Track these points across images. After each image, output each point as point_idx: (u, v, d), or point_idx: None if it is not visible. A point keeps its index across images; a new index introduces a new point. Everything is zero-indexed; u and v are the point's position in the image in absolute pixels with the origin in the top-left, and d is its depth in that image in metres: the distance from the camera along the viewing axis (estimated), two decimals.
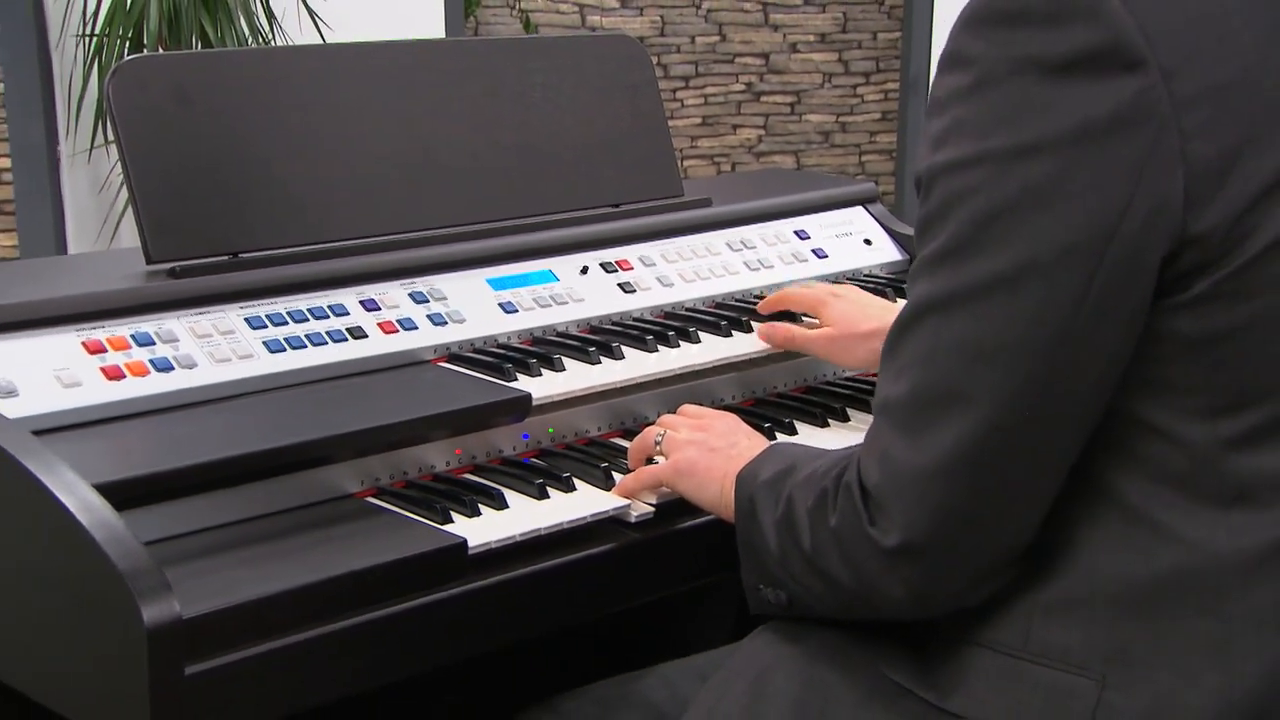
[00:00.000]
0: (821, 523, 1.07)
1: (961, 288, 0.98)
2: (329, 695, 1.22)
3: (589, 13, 6.24)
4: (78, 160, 3.54)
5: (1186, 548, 0.98)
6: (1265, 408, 0.97)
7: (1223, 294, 0.95)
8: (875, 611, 1.09)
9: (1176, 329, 0.97)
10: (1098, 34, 0.93)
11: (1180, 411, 0.98)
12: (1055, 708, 1.00)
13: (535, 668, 1.60)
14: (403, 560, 1.24)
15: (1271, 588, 0.97)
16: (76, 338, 1.39)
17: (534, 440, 1.50)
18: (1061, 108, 0.94)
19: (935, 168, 0.99)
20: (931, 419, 0.99)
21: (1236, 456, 0.98)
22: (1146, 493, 0.99)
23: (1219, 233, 0.94)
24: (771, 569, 1.15)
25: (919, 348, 1.01)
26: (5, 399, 1.30)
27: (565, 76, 1.82)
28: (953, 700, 1.05)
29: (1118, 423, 1.00)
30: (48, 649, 1.22)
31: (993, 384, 0.97)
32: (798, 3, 6.39)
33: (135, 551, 1.12)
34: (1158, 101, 0.92)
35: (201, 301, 1.48)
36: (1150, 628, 0.99)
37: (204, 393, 1.40)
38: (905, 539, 1.01)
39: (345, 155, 1.64)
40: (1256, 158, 0.93)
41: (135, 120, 1.51)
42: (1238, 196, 0.93)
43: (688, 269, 1.81)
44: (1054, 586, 1.02)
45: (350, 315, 1.54)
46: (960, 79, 0.98)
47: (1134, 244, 0.94)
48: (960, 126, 0.98)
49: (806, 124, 6.52)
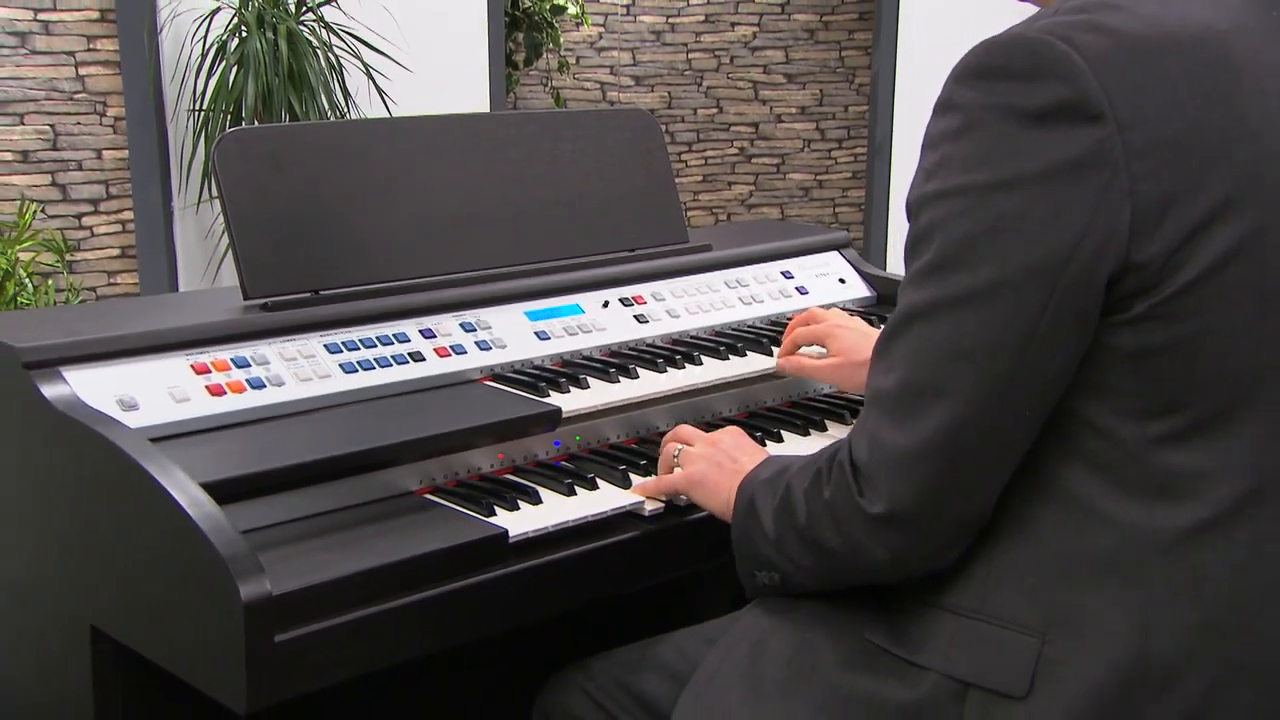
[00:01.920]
0: (816, 496, 1.07)
1: (944, 298, 0.97)
2: (393, 659, 1.23)
3: (609, 89, 6.26)
4: (187, 213, 3.56)
5: (1116, 529, 0.97)
6: (1187, 414, 0.96)
7: (1157, 315, 0.95)
8: (859, 575, 1.08)
9: (1118, 342, 0.96)
10: (1068, 90, 0.93)
11: (1116, 413, 0.97)
12: (1004, 661, 0.99)
13: (568, 636, 1.60)
14: (454, 547, 1.24)
15: (1185, 565, 0.96)
16: (186, 361, 1.40)
17: (564, 446, 1.50)
18: (1034, 150, 0.94)
19: (925, 196, 0.99)
20: (916, 408, 0.99)
21: (1161, 453, 0.97)
22: (1085, 481, 0.99)
23: (1156, 262, 0.93)
24: (767, 553, 1.14)
25: (906, 347, 1.00)
26: (128, 412, 1.32)
27: (590, 143, 1.83)
28: (921, 655, 1.04)
29: (1064, 420, 0.99)
30: (164, 621, 1.23)
31: (968, 380, 0.97)
32: (782, 81, 6.41)
33: (234, 539, 1.13)
34: (1113, 150, 0.92)
35: (288, 331, 1.49)
36: (1083, 596, 0.98)
37: (290, 407, 1.41)
38: (889, 508, 1.01)
39: (408, 208, 1.64)
40: (1189, 203, 0.93)
41: (235, 181, 1.52)
42: (1173, 234, 0.93)
43: (692, 303, 1.81)
44: (1005, 561, 1.02)
45: (411, 342, 1.55)
46: (950, 122, 0.98)
47: (1087, 267, 0.93)
48: (948, 162, 0.98)
49: (790, 181, 6.52)
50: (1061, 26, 0.95)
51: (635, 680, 1.30)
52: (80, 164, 3.75)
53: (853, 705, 1.07)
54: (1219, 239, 0.93)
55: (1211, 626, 0.96)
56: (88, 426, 1.25)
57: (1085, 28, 0.94)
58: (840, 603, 1.13)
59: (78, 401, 1.30)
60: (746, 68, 6.40)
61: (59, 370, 1.32)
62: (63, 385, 1.31)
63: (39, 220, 3.70)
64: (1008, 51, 0.96)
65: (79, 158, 3.75)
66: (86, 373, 1.33)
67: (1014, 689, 0.98)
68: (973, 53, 0.98)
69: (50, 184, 3.73)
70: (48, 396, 1.29)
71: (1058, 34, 0.94)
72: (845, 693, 1.07)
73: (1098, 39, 0.94)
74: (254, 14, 3.31)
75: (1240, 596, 0.97)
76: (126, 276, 3.83)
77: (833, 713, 1.08)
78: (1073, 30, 0.94)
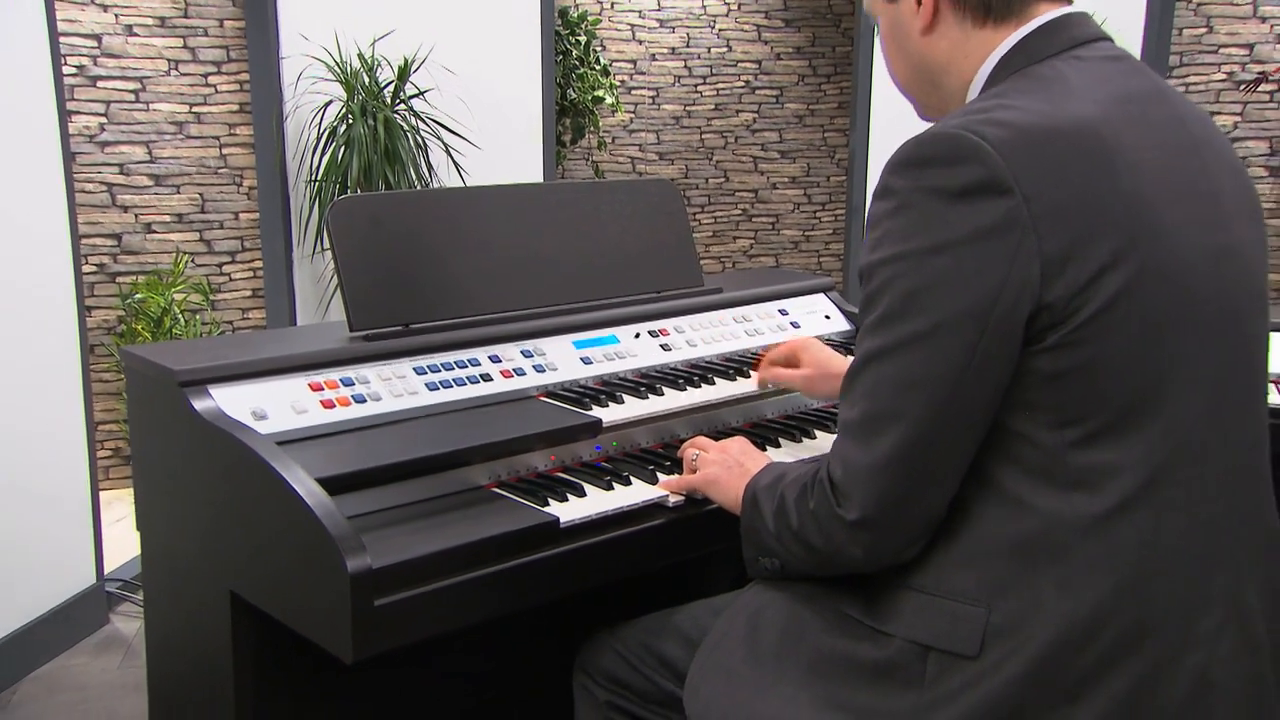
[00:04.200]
0: (804, 506, 1.07)
1: (894, 342, 0.97)
2: (467, 620, 1.22)
3: (638, 163, 6.27)
4: (304, 263, 3.58)
5: (1042, 517, 0.97)
6: (1094, 421, 0.96)
7: (1066, 344, 0.95)
8: (841, 568, 1.07)
9: (1037, 367, 0.96)
10: (982, 172, 0.93)
11: (1038, 423, 0.97)
12: (958, 628, 0.99)
13: (602, 606, 1.59)
14: (515, 531, 1.24)
15: (1100, 543, 0.96)
16: (304, 381, 1.41)
17: (603, 450, 1.50)
18: (959, 220, 0.94)
19: (873, 263, 0.99)
20: (876, 431, 0.99)
21: (1075, 454, 0.96)
22: (1016, 479, 0.98)
23: (1062, 302, 0.93)
24: (769, 544, 1.14)
25: (866, 384, 1.00)
26: (259, 421, 1.33)
27: (623, 207, 1.83)
28: (889, 625, 1.03)
29: (997, 431, 0.99)
30: (288, 587, 1.23)
31: (918, 406, 0.96)
32: (776, 157, 6.41)
33: (342, 523, 1.13)
34: (1021, 216, 0.92)
35: (384, 357, 1.49)
36: (1020, 572, 0.97)
37: (385, 418, 1.41)
38: (861, 514, 1.00)
39: (479, 259, 1.65)
40: (1085, 256, 0.93)
41: (343, 237, 1.53)
42: (1074, 279, 0.93)
43: (707, 335, 1.81)
44: (956, 547, 1.01)
45: (481, 365, 1.55)
46: (887, 204, 0.98)
47: (1009, 309, 0.94)
48: (889, 235, 0.98)
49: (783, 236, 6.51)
50: (971, 123, 0.95)
51: (656, 643, 1.29)
52: (222, 224, 3.80)
53: (833, 663, 1.06)
54: (1110, 282, 0.93)
55: (1122, 590, 0.96)
56: (228, 433, 1.26)
57: (989, 123, 0.95)
58: (824, 582, 1.13)
59: (220, 413, 1.31)
60: (748, 146, 6.40)
61: (206, 388, 1.33)
62: (209, 400, 1.32)
63: (190, 268, 3.74)
64: (931, 145, 0.96)
65: (221, 219, 3.79)
66: (227, 390, 1.34)
67: (967, 650, 0.98)
68: (902, 148, 0.98)
69: (199, 240, 3.78)
70: (197, 409, 1.31)
71: (969, 128, 0.95)
72: (826, 654, 1.07)
73: (1000, 130, 0.94)
74: (358, 105, 3.34)
75: (1143, 565, 0.96)
76: (256, 313, 3.86)
77: (818, 670, 1.07)
78: (980, 125, 0.95)
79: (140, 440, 1.50)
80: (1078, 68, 1.02)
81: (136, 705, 2.40)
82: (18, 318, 2.51)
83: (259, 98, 3.52)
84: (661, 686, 1.26)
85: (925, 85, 1.13)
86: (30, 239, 2.55)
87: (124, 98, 3.61)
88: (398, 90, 3.42)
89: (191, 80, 3.67)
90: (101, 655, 2.65)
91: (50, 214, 2.61)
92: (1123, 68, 1.04)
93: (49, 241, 2.61)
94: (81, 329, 2.70)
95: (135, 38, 3.59)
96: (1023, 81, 1.02)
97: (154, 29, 3.61)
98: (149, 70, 3.62)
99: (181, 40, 3.64)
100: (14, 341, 2.50)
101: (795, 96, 6.38)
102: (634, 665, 1.29)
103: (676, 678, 1.24)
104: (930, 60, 1.10)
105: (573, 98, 5.60)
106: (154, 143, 3.66)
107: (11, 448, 2.50)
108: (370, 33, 3.45)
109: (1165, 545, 0.97)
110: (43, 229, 2.59)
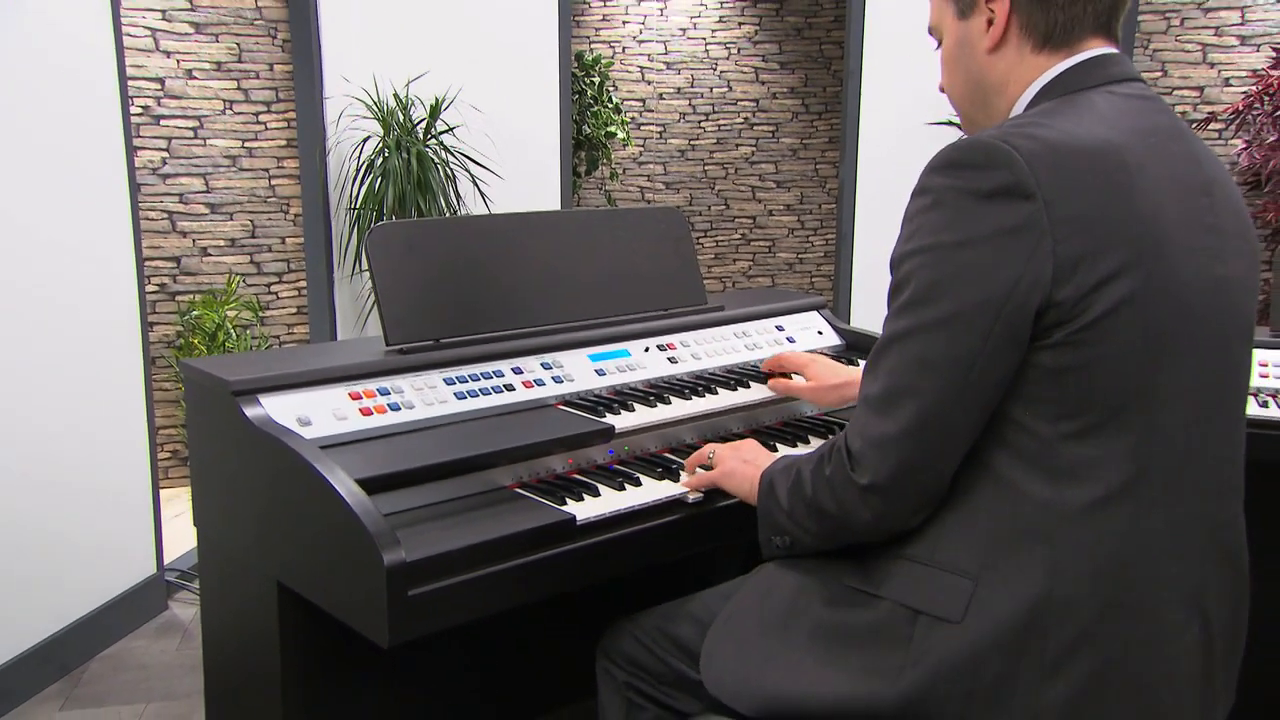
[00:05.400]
0: (820, 474, 1.07)
1: (917, 326, 0.97)
2: (493, 609, 1.22)
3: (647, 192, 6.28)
4: (343, 283, 3.59)
5: (1034, 503, 0.96)
6: (1087, 416, 0.95)
7: (1070, 342, 0.94)
8: (850, 534, 1.06)
9: (1040, 361, 0.96)
10: (1010, 177, 0.93)
11: (1037, 415, 0.96)
12: (945, 596, 0.99)
13: (620, 595, 1.59)
14: (536, 528, 1.23)
15: (1085, 530, 0.95)
16: (345, 390, 1.40)
17: (616, 454, 1.49)
18: (984, 219, 0.94)
19: (905, 253, 0.99)
20: (894, 405, 0.98)
21: (1067, 446, 0.96)
22: (1012, 466, 0.98)
23: (1070, 302, 0.93)
24: (782, 522, 1.13)
25: (889, 362, 1.00)
26: (304, 427, 1.32)
27: (634, 231, 1.83)
28: (882, 589, 1.03)
29: (999, 420, 0.98)
30: (330, 578, 1.23)
31: (934, 385, 0.96)
32: (773, 186, 6.42)
33: (379, 520, 1.12)
34: (1040, 219, 0.93)
35: (417, 368, 1.48)
36: (1009, 551, 0.97)
37: (418, 424, 1.41)
38: (873, 480, 1.00)
39: (503, 280, 1.64)
40: (1096, 263, 0.93)
41: (380, 260, 1.53)
42: (1083, 283, 0.93)
43: (710, 349, 1.80)
44: (951, 523, 1.01)
45: (505, 377, 1.54)
46: (924, 201, 0.99)
47: (1022, 302, 0.94)
48: (922, 229, 0.98)
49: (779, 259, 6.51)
50: (1005, 134, 0.96)
51: (671, 627, 1.29)
52: (270, 248, 3.81)
53: (832, 630, 1.06)
54: (1115, 291, 0.93)
55: (1100, 574, 0.95)
56: (276, 437, 1.26)
57: (1021, 136, 0.95)
58: (828, 557, 1.12)
59: (269, 419, 1.31)
60: (747, 176, 6.41)
61: (256, 396, 1.33)
62: (259, 407, 1.32)
63: (241, 288, 3.75)
64: (969, 151, 0.96)
65: (269, 243, 3.81)
66: (275, 399, 1.34)
67: (952, 615, 0.97)
68: (941, 153, 0.99)
69: (249, 262, 3.79)
70: (248, 415, 1.30)
71: (1003, 138, 0.95)
72: (827, 623, 1.07)
73: (1030, 142, 0.95)
74: (394, 140, 3.36)
75: (1122, 553, 0.96)
76: (300, 328, 3.87)
77: (818, 637, 1.07)
78: (1012, 137, 0.95)
79: (197, 443, 1.50)
80: (1110, 100, 1.02)
81: (193, 683, 2.40)
82: (88, 333, 2.52)
83: (304, 134, 3.54)
84: (674, 668, 1.26)
85: (976, 101, 1.12)
86: (100, 262, 2.56)
87: (184, 134, 3.63)
88: (429, 126, 3.43)
89: (244, 118, 3.69)
90: (161, 638, 2.65)
91: (117, 239, 2.62)
92: (1150, 105, 1.04)
93: (116, 264, 2.62)
94: (144, 343, 2.71)
95: (194, 80, 3.61)
96: (1059, 105, 1.03)
97: (211, 73, 3.63)
98: (206, 110, 3.64)
99: (235, 83, 3.66)
100: (84, 355, 2.51)
101: (790, 132, 6.38)
102: (650, 649, 1.29)
103: (689, 658, 1.23)
104: (988, 77, 1.10)
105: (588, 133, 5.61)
106: (210, 175, 3.68)
107: (81, 450, 2.51)
108: (405, 75, 3.47)
109: (1142, 539, 0.97)
110: (111, 253, 2.60)
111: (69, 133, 2.45)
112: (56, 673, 2.43)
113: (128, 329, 2.66)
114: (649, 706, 1.28)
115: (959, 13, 1.11)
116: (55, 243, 2.41)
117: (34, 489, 2.36)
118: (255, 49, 3.67)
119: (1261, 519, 1.23)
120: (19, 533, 2.33)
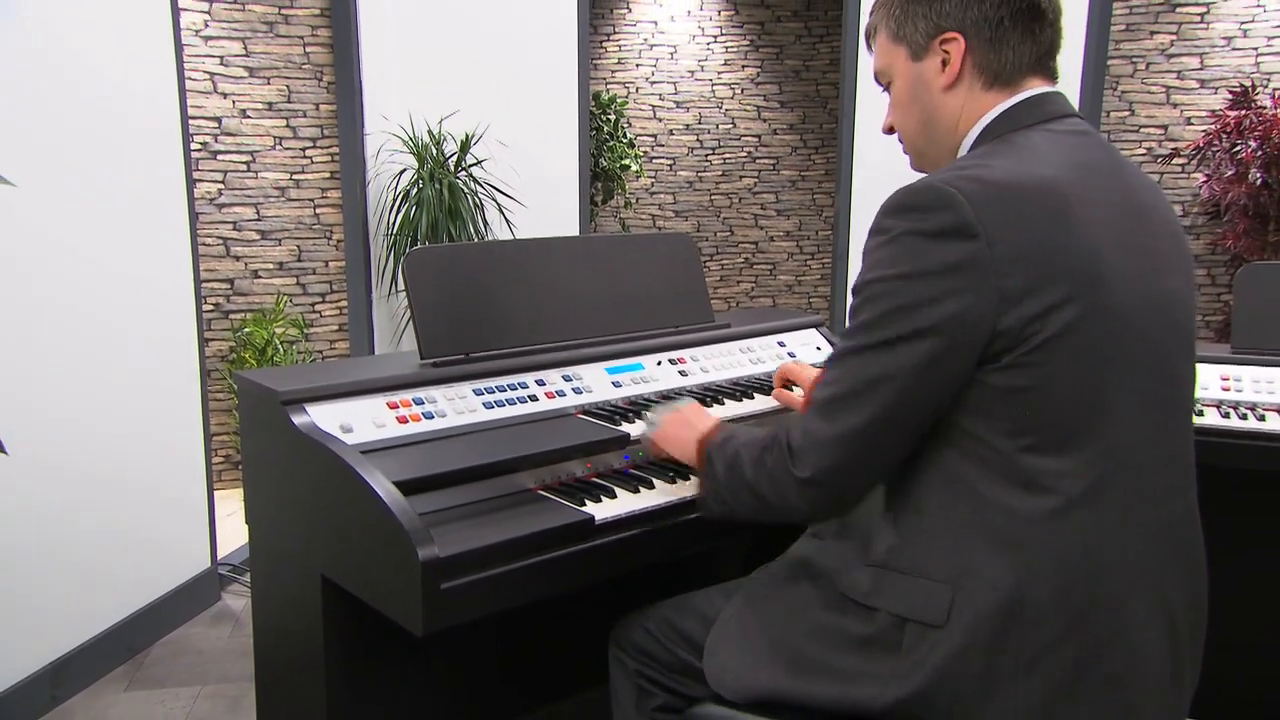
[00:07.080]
0: (761, 465, 1.07)
1: (870, 342, 0.98)
2: (518, 602, 1.21)
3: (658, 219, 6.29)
4: (381, 302, 3.61)
5: (1000, 512, 0.96)
6: (1040, 433, 0.95)
7: (1018, 365, 0.94)
8: (783, 516, 1.07)
9: (992, 382, 0.96)
10: (954, 218, 0.94)
11: (994, 430, 0.96)
12: (929, 602, 0.98)
13: (632, 590, 1.58)
14: (557, 527, 1.23)
15: (1050, 537, 0.95)
16: (383, 400, 1.40)
17: (631, 460, 1.48)
18: (931, 256, 0.94)
19: (865, 281, 1.00)
20: (840, 410, 0.99)
21: (1026, 459, 0.95)
22: (977, 478, 0.97)
23: (1015, 330, 0.93)
24: (720, 492, 1.15)
25: (840, 372, 1.00)
26: (346, 433, 1.32)
27: (647, 255, 1.83)
28: (874, 600, 1.03)
29: (964, 438, 0.98)
30: (369, 572, 1.23)
31: (880, 395, 0.97)
32: (774, 214, 6.42)
33: (414, 519, 1.12)
34: (984, 256, 0.93)
35: (450, 380, 1.48)
36: (981, 557, 0.97)
37: (450, 431, 1.41)
38: (812, 475, 1.01)
39: (528, 299, 1.65)
40: (1037, 294, 0.93)
41: (415, 280, 1.53)
42: (1027, 312, 0.93)
43: (717, 363, 1.80)
44: (925, 535, 1.00)
45: (529, 388, 1.54)
46: (880, 239, 0.99)
47: (967, 329, 0.94)
48: (879, 262, 0.98)
49: (779, 280, 6.50)
50: (951, 178, 0.96)
51: (679, 620, 1.28)
52: (314, 270, 3.84)
53: (830, 632, 1.06)
54: (1059, 318, 0.93)
55: (1067, 576, 0.95)
56: (321, 443, 1.26)
57: (965, 179, 0.96)
58: (824, 567, 1.12)
59: (315, 426, 1.31)
60: (750, 205, 6.41)
61: (303, 406, 1.33)
62: (305, 415, 1.32)
63: (288, 307, 3.77)
64: (917, 194, 0.97)
65: (314, 266, 3.83)
66: (320, 408, 1.34)
67: (936, 620, 0.97)
68: (894, 195, 0.99)
69: (295, 284, 3.82)
70: (296, 423, 1.31)
71: (949, 182, 0.95)
72: (824, 624, 1.07)
73: (974, 185, 0.95)
74: (427, 172, 3.38)
75: (1086, 556, 0.95)
76: (341, 344, 3.89)
77: (816, 638, 1.07)
78: (958, 180, 0.95)
79: (248, 448, 1.51)
80: (1047, 138, 1.03)
81: (244, 667, 2.41)
82: (150, 348, 2.55)
83: (346, 167, 3.57)
84: (681, 657, 1.25)
85: (927, 138, 1.12)
86: (163, 285, 2.59)
87: (238, 168, 3.66)
88: (460, 160, 3.46)
89: (292, 153, 3.72)
90: (215, 626, 2.66)
91: (177, 263, 2.65)
92: (1085, 141, 1.04)
93: (177, 287, 2.64)
94: (201, 357, 2.73)
95: (248, 119, 3.65)
96: (1000, 146, 1.03)
97: (263, 112, 3.67)
98: (258, 145, 3.68)
99: (285, 121, 3.70)
100: (147, 369, 2.53)
101: (789, 165, 6.39)
102: (658, 639, 1.28)
103: (694, 649, 1.23)
104: (942, 115, 1.10)
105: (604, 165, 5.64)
106: (261, 204, 3.71)
107: (143, 455, 2.53)
108: (438, 113, 3.50)
109: (1105, 543, 0.96)
110: (171, 275, 2.63)
111: (138, 173, 2.48)
112: (124, 654, 2.45)
113: (186, 345, 2.68)
114: (658, 692, 1.28)
115: (912, 55, 1.11)
116: (124, 272, 2.43)
117: (102, 490, 2.38)
118: (303, 90, 3.71)
119: (1214, 520, 1.22)
120: (88, 530, 2.35)
